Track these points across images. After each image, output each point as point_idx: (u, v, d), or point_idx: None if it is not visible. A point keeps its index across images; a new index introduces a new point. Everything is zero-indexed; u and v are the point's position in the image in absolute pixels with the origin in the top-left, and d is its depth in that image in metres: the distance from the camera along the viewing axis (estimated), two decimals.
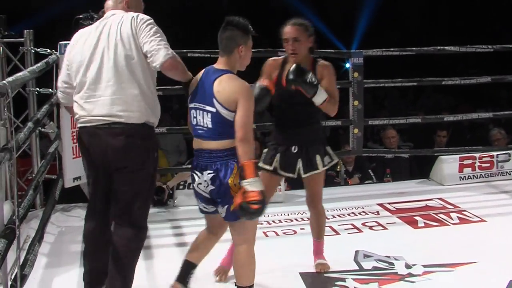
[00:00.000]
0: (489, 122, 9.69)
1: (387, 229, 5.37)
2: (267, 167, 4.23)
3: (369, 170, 7.01)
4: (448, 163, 6.70)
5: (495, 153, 6.86)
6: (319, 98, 4.00)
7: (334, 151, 6.36)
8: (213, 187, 3.51)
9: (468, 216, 5.65)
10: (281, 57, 4.29)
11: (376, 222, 5.53)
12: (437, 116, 6.91)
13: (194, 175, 3.60)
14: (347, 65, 6.58)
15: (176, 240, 5.23)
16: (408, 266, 4.50)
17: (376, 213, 5.79)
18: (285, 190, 6.31)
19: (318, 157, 4.22)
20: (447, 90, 12.67)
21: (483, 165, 6.78)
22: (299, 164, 4.21)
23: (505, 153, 6.91)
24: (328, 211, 5.68)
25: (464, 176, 6.71)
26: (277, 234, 5.28)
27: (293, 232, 5.27)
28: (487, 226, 5.40)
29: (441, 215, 5.69)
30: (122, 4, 3.68)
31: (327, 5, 21.36)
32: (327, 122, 6.25)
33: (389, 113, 10.80)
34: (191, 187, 5.96)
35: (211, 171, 3.49)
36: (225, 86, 3.45)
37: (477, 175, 6.75)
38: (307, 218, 5.52)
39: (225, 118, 3.45)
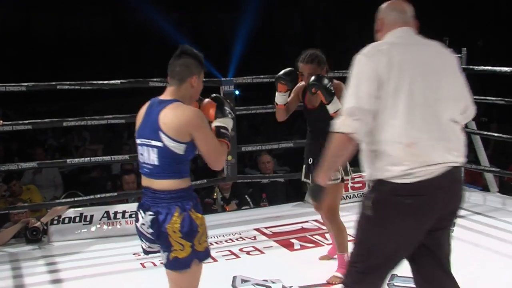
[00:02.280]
0: None
1: (264, 253, 5.44)
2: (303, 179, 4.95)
3: (246, 196, 7.07)
4: None
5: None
6: (334, 106, 4.44)
7: (209, 178, 6.47)
8: (153, 231, 3.21)
9: None
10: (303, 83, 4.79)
11: (253, 247, 5.60)
12: (297, 141, 7.09)
13: (138, 213, 3.29)
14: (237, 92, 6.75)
15: (51, 277, 5.07)
16: None
17: (253, 238, 5.85)
18: None
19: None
20: None
21: (356, 185, 7.00)
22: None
23: None
24: None
25: None
26: (155, 265, 5.23)
27: None
28: None
29: (317, 236, 5.82)
30: None
31: (203, 33, 21.59)
32: None
33: (265, 138, 10.98)
34: (65, 222, 5.92)
35: (152, 213, 3.19)
36: (173, 117, 3.12)
37: (350, 195, 6.95)
38: None
39: (173, 152, 3.13)
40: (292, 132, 12.79)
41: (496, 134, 7.34)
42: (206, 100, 3.47)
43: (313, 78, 4.51)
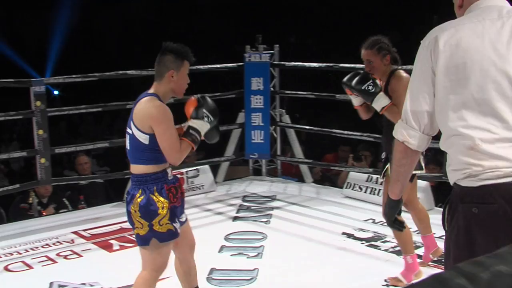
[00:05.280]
0: None
1: (82, 256, 5.32)
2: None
3: (64, 199, 6.87)
4: None
5: (184, 170, 7.16)
6: (377, 104, 4.25)
7: (22, 183, 6.23)
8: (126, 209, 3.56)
9: None
10: None
11: (71, 250, 5.46)
12: (112, 141, 7.07)
13: None
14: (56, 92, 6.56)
15: None
16: None
17: (71, 242, 5.70)
18: None
19: (388, 165, 4.37)
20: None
21: None
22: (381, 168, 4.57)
23: (194, 169, 7.25)
24: (20, 245, 5.60)
25: None
26: None
27: None
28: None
29: None
30: None
31: (19, 32, 20.73)
32: (12, 154, 6.11)
33: (85, 139, 10.78)
34: None
35: (126, 194, 3.56)
36: (141, 108, 3.41)
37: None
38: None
39: (139, 141, 3.42)
40: (113, 132, 12.64)
41: (307, 127, 7.65)
42: (191, 98, 3.67)
43: (354, 80, 4.31)
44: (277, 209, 6.61)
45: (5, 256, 5.34)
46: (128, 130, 3.49)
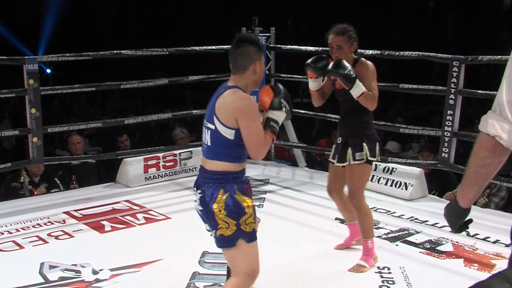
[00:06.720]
0: (175, 122, 10.03)
1: (73, 237, 5.29)
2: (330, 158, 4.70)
3: (56, 179, 6.83)
4: (133, 165, 6.79)
5: (177, 152, 7.12)
6: (356, 91, 4.22)
7: (14, 162, 6.18)
8: (201, 208, 3.35)
9: (154, 215, 5.81)
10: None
11: (62, 231, 5.42)
12: (117, 120, 6.95)
13: (193, 191, 3.44)
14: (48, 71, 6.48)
15: None
16: (95, 272, 4.50)
17: (63, 222, 5.66)
18: None
19: (349, 150, 4.43)
20: (135, 93, 12.93)
21: (167, 164, 7.01)
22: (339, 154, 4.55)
23: (187, 151, 7.20)
24: (11, 225, 5.54)
25: (150, 176, 6.86)
26: None
27: None
28: (172, 223, 5.61)
29: (128, 217, 5.76)
30: None
31: (12, 9, 20.58)
32: (4, 132, 6.04)
33: (78, 118, 10.73)
34: None
35: (200, 191, 3.34)
36: (225, 102, 3.25)
37: (162, 174, 6.95)
38: None
39: (223, 137, 3.26)
40: (106, 112, 12.57)
41: (302, 111, 7.60)
42: (265, 87, 3.52)
43: (331, 64, 4.28)
44: (270, 193, 6.59)
45: None
46: (210, 125, 3.31)
